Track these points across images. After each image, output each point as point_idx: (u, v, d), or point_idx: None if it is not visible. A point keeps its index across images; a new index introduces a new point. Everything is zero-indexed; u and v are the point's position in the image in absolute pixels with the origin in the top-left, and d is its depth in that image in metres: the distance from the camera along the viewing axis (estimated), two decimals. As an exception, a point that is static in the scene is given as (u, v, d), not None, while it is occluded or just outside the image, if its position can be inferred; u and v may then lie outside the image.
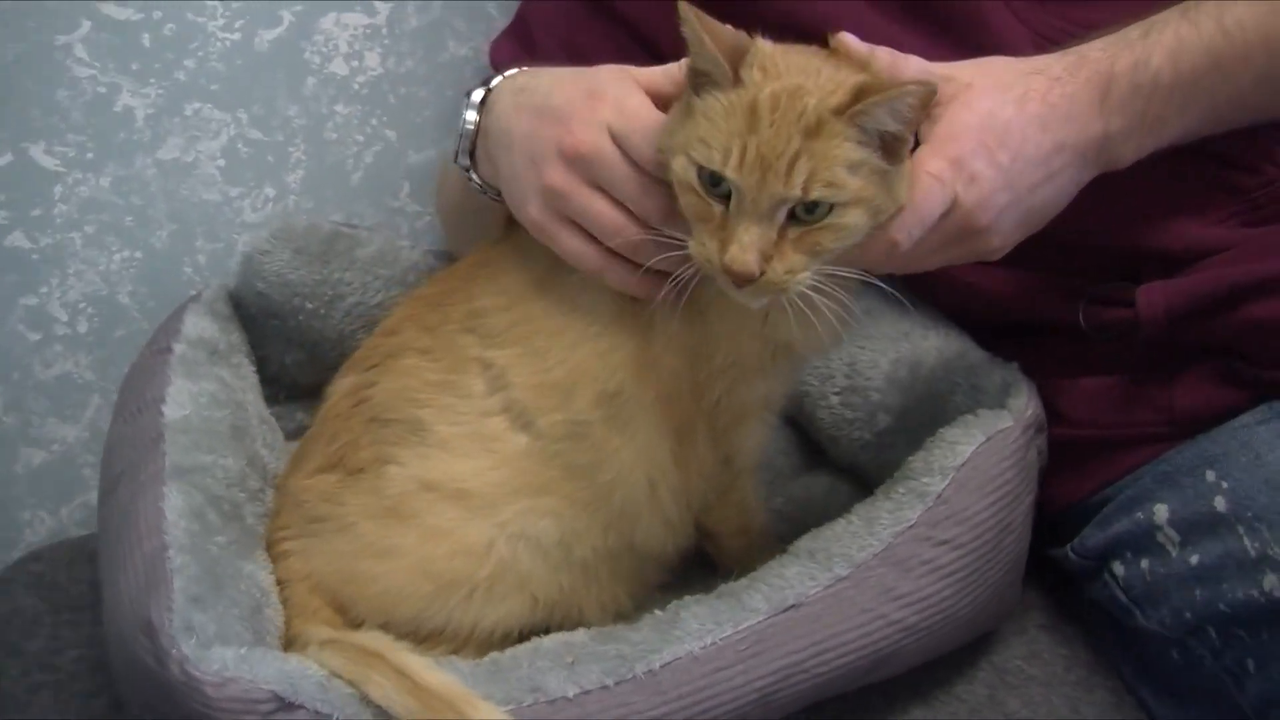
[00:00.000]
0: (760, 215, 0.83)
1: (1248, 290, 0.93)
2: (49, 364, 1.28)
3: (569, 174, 0.91)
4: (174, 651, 0.81)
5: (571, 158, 0.90)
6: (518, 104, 0.96)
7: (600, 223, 0.91)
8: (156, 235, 1.29)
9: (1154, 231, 0.99)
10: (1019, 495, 0.98)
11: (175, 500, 0.94)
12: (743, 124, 0.82)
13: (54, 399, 1.29)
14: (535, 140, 0.93)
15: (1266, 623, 0.87)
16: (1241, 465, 0.92)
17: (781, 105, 0.82)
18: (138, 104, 1.25)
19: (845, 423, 1.16)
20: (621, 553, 1.00)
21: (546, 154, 0.91)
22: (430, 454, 0.97)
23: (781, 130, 0.81)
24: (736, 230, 0.83)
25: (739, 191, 0.82)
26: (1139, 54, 0.91)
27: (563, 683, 0.87)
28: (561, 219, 0.93)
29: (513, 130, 0.95)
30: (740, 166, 0.82)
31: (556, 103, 0.93)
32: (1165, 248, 0.98)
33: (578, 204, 0.91)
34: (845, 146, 0.82)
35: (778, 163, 0.81)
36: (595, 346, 0.96)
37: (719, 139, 0.82)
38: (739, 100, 0.83)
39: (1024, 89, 0.89)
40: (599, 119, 0.90)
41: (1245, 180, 0.99)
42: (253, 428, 1.10)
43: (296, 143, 1.33)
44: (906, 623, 0.94)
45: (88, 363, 1.29)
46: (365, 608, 0.95)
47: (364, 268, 1.22)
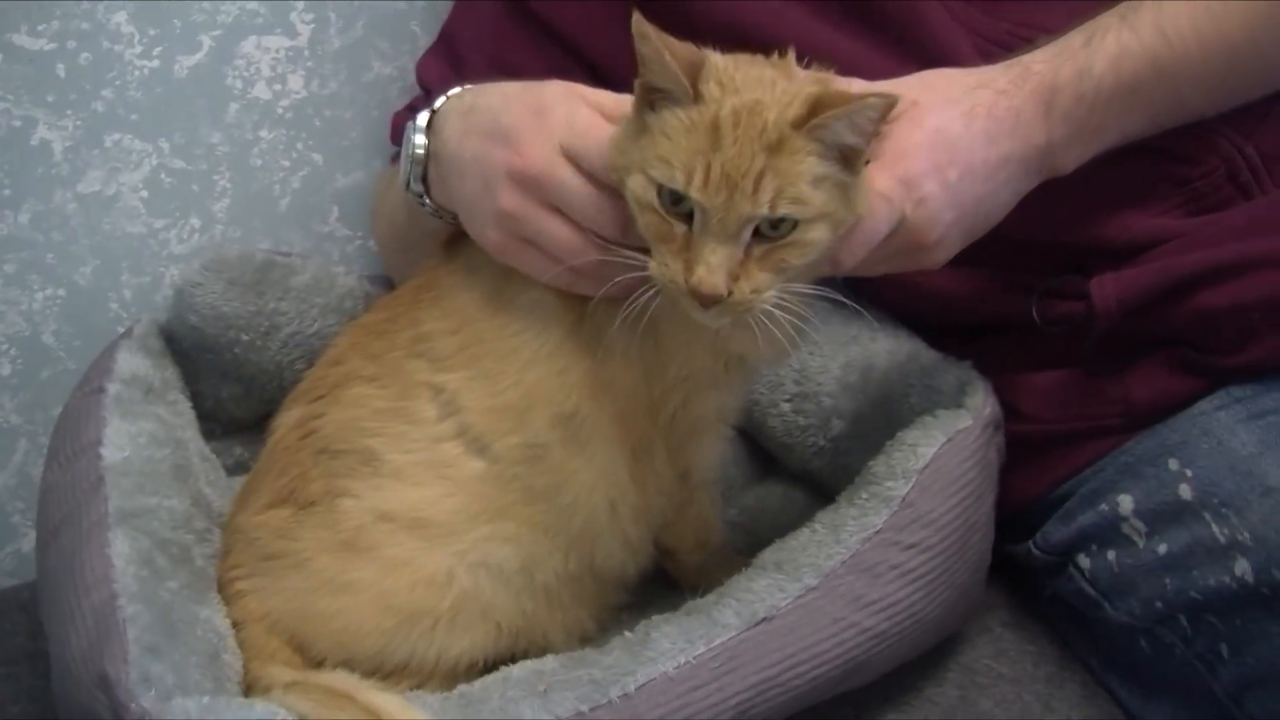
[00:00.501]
0: (726, 235, 0.81)
1: (1197, 279, 0.94)
2: (-29, 410, 1.24)
3: (522, 196, 0.89)
4: (133, 705, 0.78)
5: (522, 180, 0.89)
6: (466, 126, 0.94)
7: (556, 244, 0.89)
8: (80, 271, 1.25)
9: (1100, 225, 1.00)
10: (982, 494, 0.98)
11: (121, 546, 0.90)
12: (705, 142, 0.80)
13: (-21, 449, 1.25)
14: (486, 164, 0.91)
15: (1240, 608, 0.88)
16: (1204, 452, 0.93)
17: (743, 121, 0.80)
18: (55, 137, 1.21)
19: (798, 429, 1.15)
20: (583, 575, 0.98)
21: (497, 177, 0.90)
22: (384, 484, 0.94)
23: (745, 147, 0.80)
24: (702, 251, 0.81)
25: (704, 211, 0.81)
26: (1081, 63, 0.92)
27: (537, 711, 0.85)
28: (521, 241, 0.91)
29: (463, 154, 0.93)
30: (705, 186, 0.80)
31: (505, 123, 0.91)
32: (1112, 240, 0.99)
33: (534, 226, 0.89)
34: (808, 161, 0.81)
35: (743, 181, 0.80)
36: (549, 367, 0.94)
37: (680, 158, 0.81)
38: (700, 117, 0.81)
39: (970, 104, 0.89)
40: (548, 138, 0.88)
41: (1188, 171, 1.00)
42: (195, 466, 1.07)
43: (221, 170, 1.30)
44: (878, 629, 0.93)
45: (13, 406, 1.25)
46: (325, 645, 0.93)
47: (299, 296, 1.19)
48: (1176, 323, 0.97)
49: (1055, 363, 1.04)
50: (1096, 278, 0.98)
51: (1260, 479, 0.89)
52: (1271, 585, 0.85)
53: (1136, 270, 0.97)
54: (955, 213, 0.88)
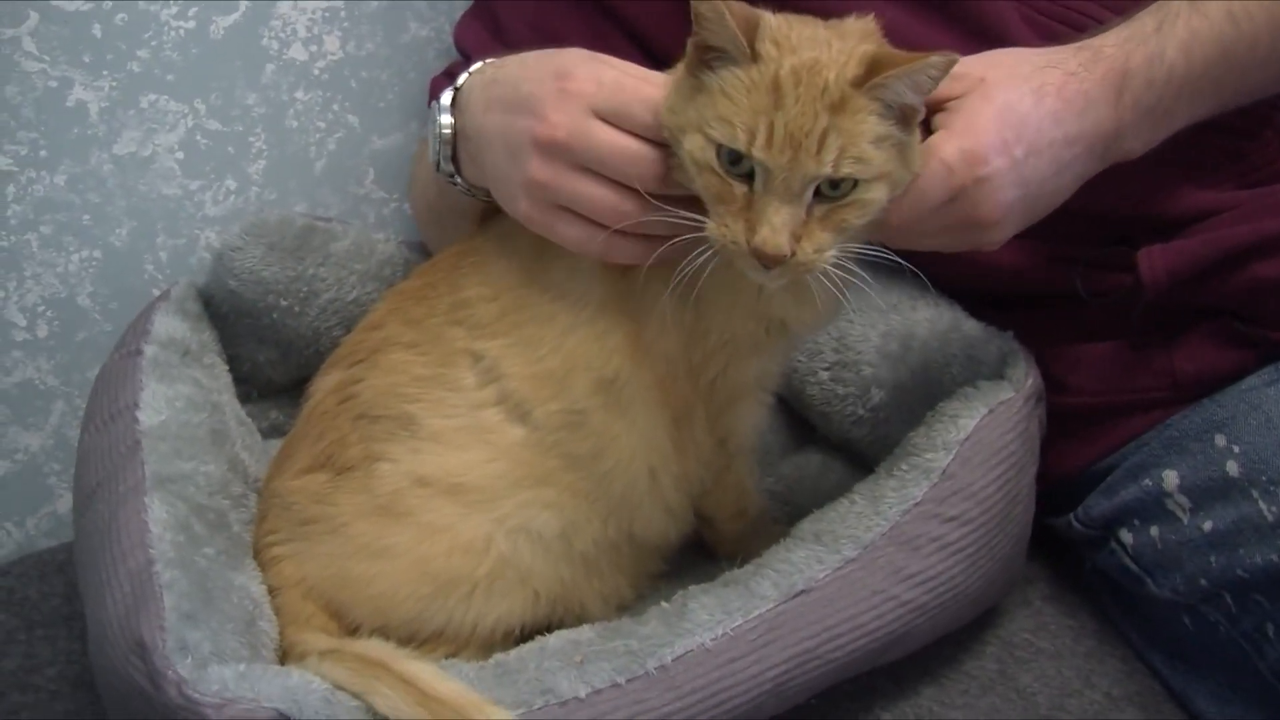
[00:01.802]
0: (790, 195, 0.80)
1: (1250, 250, 0.93)
2: (8, 371, 1.23)
3: (550, 163, 0.88)
4: (169, 673, 0.78)
5: (549, 146, 0.87)
6: (488, 99, 0.93)
7: (594, 206, 0.87)
8: (116, 233, 1.24)
9: (1151, 197, 0.98)
10: (1023, 466, 0.97)
11: (158, 512, 0.91)
12: (767, 101, 0.79)
13: (15, 407, 1.24)
14: (510, 135, 0.89)
15: None
16: (1252, 428, 0.91)
17: (803, 80, 0.79)
18: (91, 98, 1.20)
19: (837, 398, 1.14)
20: (621, 543, 0.98)
21: (523, 147, 0.88)
22: (423, 449, 0.94)
23: (808, 106, 0.79)
24: (766, 211, 0.81)
25: (766, 171, 0.80)
26: (1153, 48, 0.90)
27: (573, 683, 0.85)
28: (555, 209, 0.89)
29: (488, 128, 0.92)
30: (769, 146, 0.79)
31: (525, 92, 0.89)
32: (1162, 212, 0.98)
33: (568, 192, 0.88)
34: (870, 121, 0.81)
35: (807, 140, 0.79)
36: (589, 332, 0.93)
37: (742, 117, 0.80)
38: (760, 77, 0.80)
39: (1040, 82, 0.87)
40: (574, 102, 0.87)
41: (1242, 144, 0.99)
42: (231, 430, 1.07)
43: (257, 132, 1.29)
44: (918, 602, 0.93)
45: (49, 368, 1.25)
46: (361, 611, 0.93)
47: (339, 262, 1.19)
48: (1225, 294, 0.95)
49: (1100, 335, 1.02)
50: (1145, 249, 0.96)
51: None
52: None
53: (1186, 241, 0.96)
54: (1019, 191, 0.86)
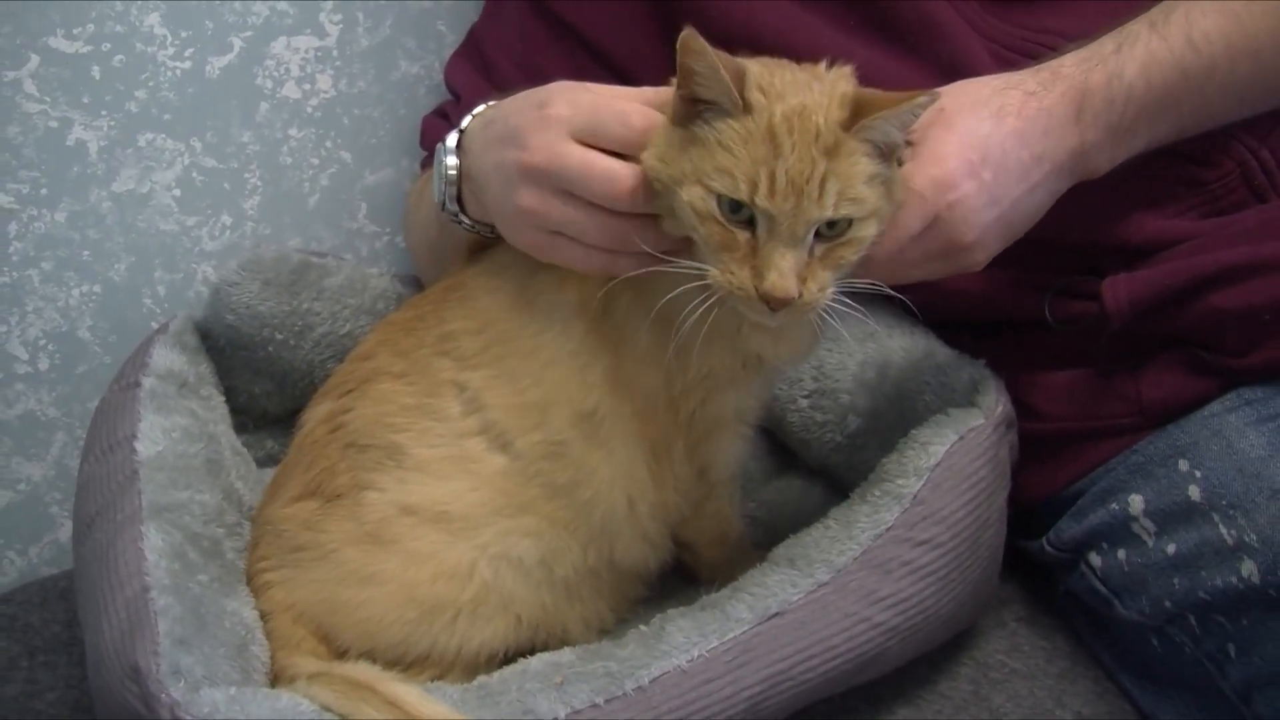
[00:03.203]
0: (794, 239, 0.83)
1: (1210, 280, 0.95)
2: (11, 403, 1.26)
3: (536, 190, 0.90)
4: (163, 696, 0.81)
5: (531, 173, 0.90)
6: (486, 139, 0.96)
7: (581, 229, 0.90)
8: (115, 268, 1.28)
9: (1115, 226, 1.01)
10: (993, 491, 0.99)
11: (154, 540, 0.93)
12: (765, 151, 0.82)
13: (17, 438, 1.28)
14: (502, 168, 0.92)
15: (1246, 609, 0.89)
16: (1214, 454, 0.94)
17: (796, 127, 0.82)
18: (90, 137, 1.23)
19: (816, 425, 1.17)
20: (602, 570, 1.00)
21: (512, 178, 0.91)
22: (409, 478, 0.96)
23: (804, 153, 0.82)
24: (772, 257, 0.83)
25: (771, 219, 0.83)
26: (1112, 68, 0.93)
27: (553, 704, 0.87)
28: (551, 235, 0.92)
29: (486, 165, 0.95)
30: (772, 194, 0.82)
31: (513, 125, 0.92)
32: (1126, 241, 1.00)
33: (556, 217, 0.90)
34: (862, 162, 0.84)
35: (808, 186, 0.82)
36: (569, 366, 0.96)
37: (742, 168, 0.82)
38: (755, 126, 0.83)
39: (1000, 104, 0.90)
40: (552, 127, 0.89)
41: (1204, 174, 1.01)
42: (226, 460, 1.10)
43: (252, 169, 1.33)
44: (890, 624, 0.95)
45: (50, 400, 1.28)
46: (349, 635, 0.95)
47: (333, 297, 1.22)
48: (1188, 324, 0.97)
49: (1069, 362, 1.05)
50: (1109, 278, 0.99)
51: (1268, 481, 0.89)
52: (1277, 586, 0.86)
53: (1148, 271, 0.98)
54: (994, 211, 0.88)
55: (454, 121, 1.01)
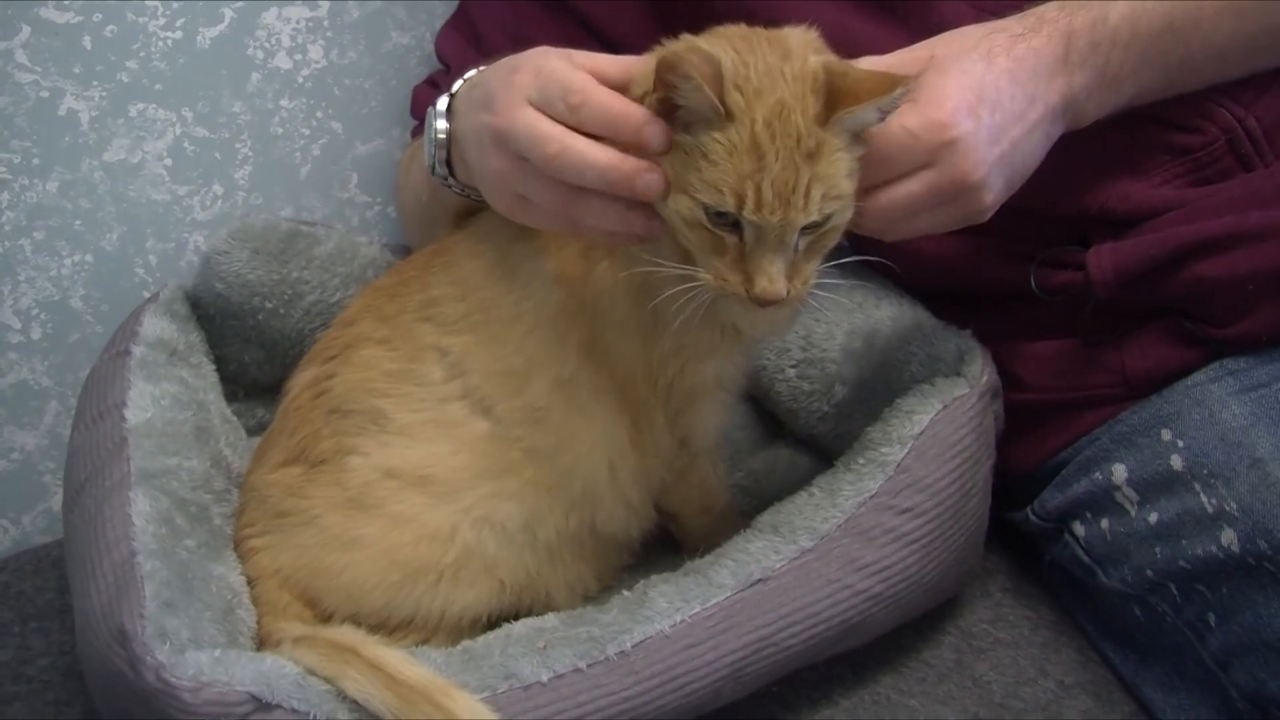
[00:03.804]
0: (781, 244, 0.84)
1: (1195, 249, 0.95)
2: (4, 372, 1.27)
3: (502, 154, 0.89)
4: (148, 658, 0.81)
5: (497, 138, 0.89)
6: (468, 103, 0.95)
7: (534, 193, 0.89)
8: (106, 238, 1.28)
9: (1101, 195, 1.00)
10: (978, 460, 1.00)
11: (142, 505, 0.94)
12: (750, 164, 0.82)
13: (10, 407, 1.28)
14: (478, 132, 0.92)
15: (1226, 577, 0.89)
16: (1196, 423, 0.94)
17: (778, 133, 0.81)
18: (81, 107, 1.23)
19: (803, 395, 1.17)
20: (584, 535, 1.01)
21: (485, 141, 0.91)
22: (391, 442, 0.97)
23: (788, 162, 0.81)
24: (761, 264, 0.84)
25: (759, 228, 0.83)
26: (1096, 13, 0.92)
27: (536, 668, 0.88)
28: (520, 198, 0.91)
29: (466, 129, 0.95)
30: (759, 207, 0.82)
31: (488, 89, 0.92)
32: (1112, 210, 1.00)
33: (517, 180, 0.90)
34: (841, 157, 0.84)
35: (794, 196, 0.82)
36: (549, 333, 0.96)
37: (729, 183, 0.82)
38: (738, 138, 0.82)
39: (988, 46, 0.89)
40: (515, 92, 0.88)
41: (1189, 140, 1.00)
42: (215, 428, 1.11)
43: (243, 139, 1.32)
44: (873, 591, 0.95)
45: (43, 369, 1.28)
46: (334, 600, 0.96)
47: (322, 265, 1.22)
48: (1173, 294, 0.97)
49: (1054, 332, 1.04)
50: (1094, 248, 0.99)
51: (1249, 450, 0.89)
52: (1257, 555, 0.86)
53: (1133, 241, 0.98)
54: (996, 149, 0.87)
55: (445, 91, 1.01)
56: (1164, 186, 1.00)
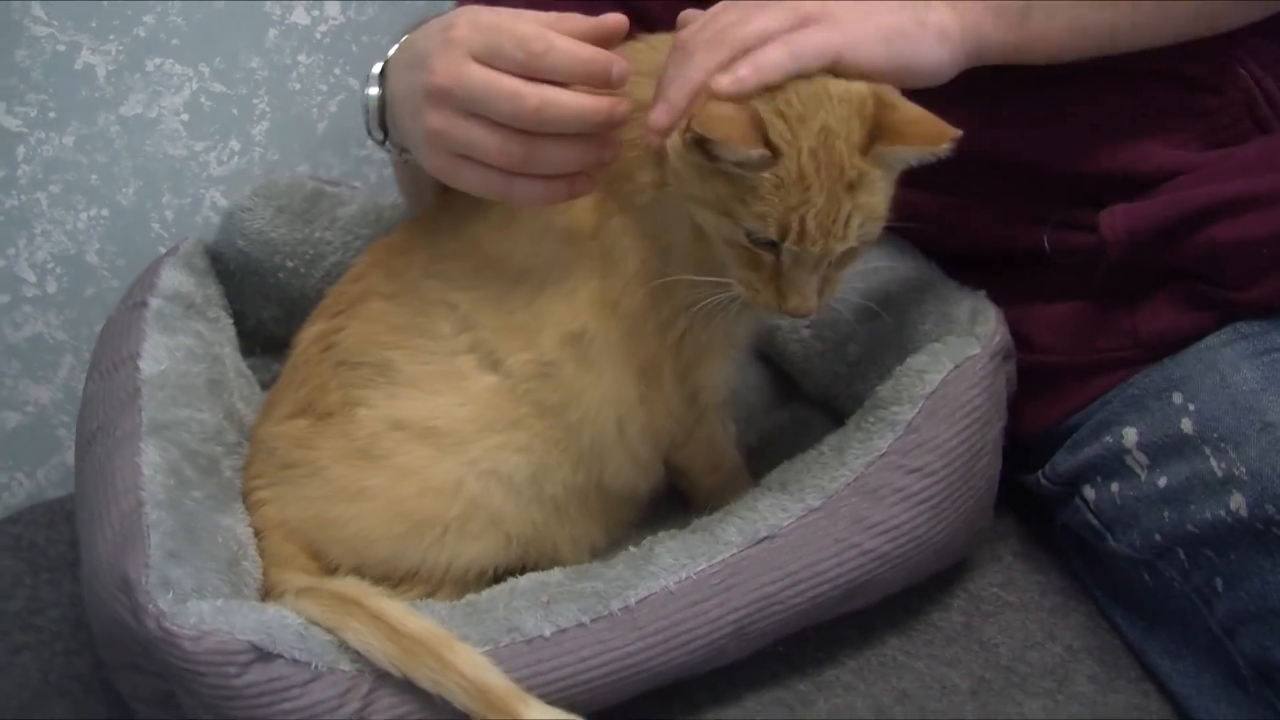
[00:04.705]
0: (818, 267, 0.86)
1: (1209, 212, 0.93)
2: (19, 325, 1.28)
3: (440, 112, 0.88)
4: (150, 607, 0.82)
5: (436, 95, 0.88)
6: (398, 64, 0.95)
7: (483, 150, 0.88)
8: (123, 192, 1.29)
9: (1117, 155, 0.99)
10: (988, 421, 0.99)
11: (152, 456, 0.94)
12: (796, 198, 0.83)
13: (25, 360, 1.30)
14: (410, 92, 0.91)
15: (1234, 542, 0.88)
16: (1207, 387, 0.92)
17: (822, 164, 0.82)
18: (98, 61, 1.24)
19: (816, 354, 1.16)
20: (591, 490, 1.00)
21: (419, 101, 0.90)
22: (399, 393, 0.97)
23: (832, 193, 0.83)
24: (796, 283, 0.86)
25: (797, 254, 0.84)
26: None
27: (539, 622, 0.89)
28: (456, 158, 0.90)
29: (399, 91, 0.94)
30: (801, 239, 0.83)
31: (420, 49, 0.91)
32: (1129, 171, 0.98)
33: (460, 138, 0.88)
34: (881, 186, 0.85)
35: (834, 227, 0.83)
36: (557, 290, 0.96)
37: (775, 215, 0.83)
38: (786, 174, 0.82)
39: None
40: (455, 48, 0.87)
41: (1209, 101, 0.98)
42: (229, 381, 1.11)
43: (260, 95, 1.33)
44: (880, 551, 0.95)
45: (59, 323, 1.30)
46: (339, 552, 0.96)
47: (345, 227, 1.23)
48: (1187, 257, 0.96)
49: (1068, 295, 1.03)
50: (1107, 210, 0.97)
51: (1260, 414, 0.88)
52: (1265, 520, 0.85)
53: (1147, 202, 0.96)
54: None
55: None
56: (1182, 148, 0.98)
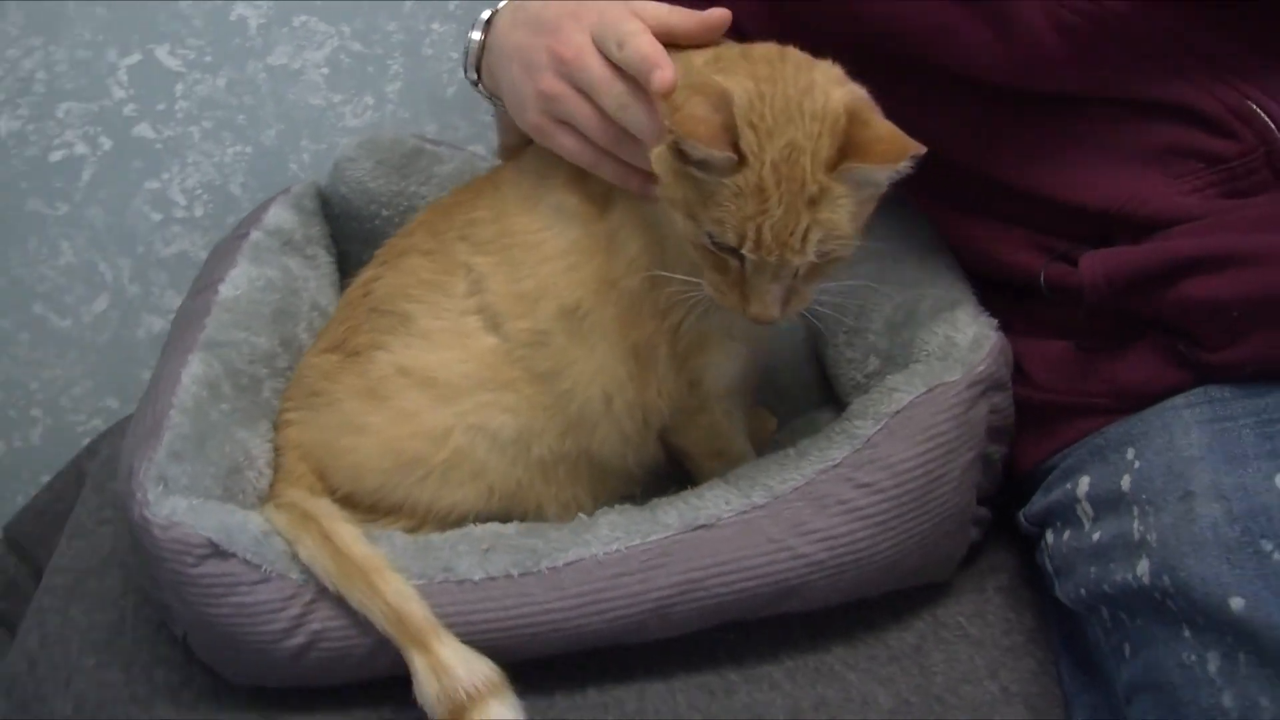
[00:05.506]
0: (779, 276, 0.88)
1: (1184, 266, 0.89)
2: (169, 242, 1.44)
3: (558, 80, 0.97)
4: (139, 495, 0.92)
5: (559, 63, 0.96)
6: (514, 20, 1.02)
7: (584, 123, 0.96)
8: (265, 133, 1.42)
9: (1117, 192, 0.95)
10: (955, 449, 0.97)
11: (195, 369, 1.04)
12: (753, 208, 0.85)
13: (172, 273, 1.45)
14: (529, 51, 0.99)
15: (1139, 608, 0.85)
16: (1155, 447, 0.89)
17: (784, 177, 0.84)
18: (251, 14, 1.37)
19: (844, 362, 1.17)
20: (579, 457, 1.05)
21: (540, 62, 0.98)
22: (412, 344, 1.04)
23: (790, 206, 0.85)
24: (758, 289, 0.89)
25: (756, 263, 0.87)
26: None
27: (473, 567, 0.95)
28: (557, 121, 0.98)
29: (509, 44, 1.02)
30: (758, 247, 0.86)
31: (546, 16, 0.99)
32: (1130, 211, 0.94)
33: (567, 107, 0.97)
34: (845, 204, 0.86)
35: (791, 239, 0.85)
36: (561, 263, 1.01)
37: (733, 222, 0.86)
38: (746, 183, 0.85)
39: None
40: (582, 28, 0.95)
41: (1223, 146, 0.93)
42: (300, 313, 1.19)
43: (395, 56, 1.43)
44: (815, 558, 0.96)
45: (202, 243, 1.44)
46: (339, 478, 1.04)
47: (440, 184, 1.31)
48: (1163, 310, 0.92)
49: (1062, 333, 1.00)
50: (1089, 252, 0.94)
51: (1186, 482, 0.84)
52: (1161, 590, 0.81)
53: (1130, 249, 0.92)
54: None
55: None
56: (1193, 195, 0.93)
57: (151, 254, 1.44)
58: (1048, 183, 0.91)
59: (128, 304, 1.46)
